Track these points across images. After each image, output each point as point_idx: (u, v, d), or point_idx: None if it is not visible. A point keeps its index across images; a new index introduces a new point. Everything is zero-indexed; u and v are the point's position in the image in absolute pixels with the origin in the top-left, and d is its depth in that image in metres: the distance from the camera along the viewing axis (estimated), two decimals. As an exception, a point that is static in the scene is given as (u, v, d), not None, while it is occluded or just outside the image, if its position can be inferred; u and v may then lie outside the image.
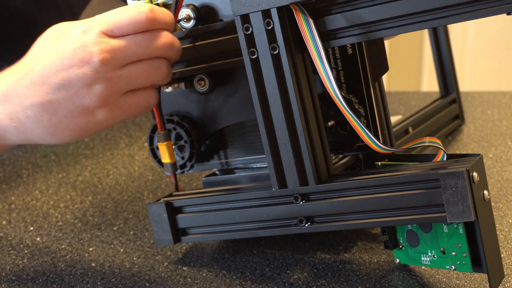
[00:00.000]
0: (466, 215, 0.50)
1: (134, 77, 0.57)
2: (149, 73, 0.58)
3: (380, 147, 0.55)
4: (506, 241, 0.64)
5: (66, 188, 0.86)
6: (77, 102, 0.57)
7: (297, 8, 0.54)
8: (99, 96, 0.57)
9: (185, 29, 0.64)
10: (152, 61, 0.58)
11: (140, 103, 0.60)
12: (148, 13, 0.57)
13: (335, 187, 0.57)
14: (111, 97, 0.57)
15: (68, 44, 0.57)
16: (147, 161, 0.93)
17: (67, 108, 0.57)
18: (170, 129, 0.68)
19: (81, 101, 0.57)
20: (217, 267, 0.64)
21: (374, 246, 0.65)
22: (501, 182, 0.76)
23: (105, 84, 0.56)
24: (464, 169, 0.50)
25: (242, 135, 0.68)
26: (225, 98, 0.67)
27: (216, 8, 0.63)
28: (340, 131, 0.63)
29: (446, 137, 0.91)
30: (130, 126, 1.09)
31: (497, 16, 0.50)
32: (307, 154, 0.57)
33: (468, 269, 0.54)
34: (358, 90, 0.62)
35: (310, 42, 0.54)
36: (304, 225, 0.58)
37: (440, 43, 0.90)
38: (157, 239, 0.66)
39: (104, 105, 0.57)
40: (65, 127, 0.58)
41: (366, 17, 0.53)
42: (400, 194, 0.54)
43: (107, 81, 0.56)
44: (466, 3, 0.50)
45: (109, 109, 0.58)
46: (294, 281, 0.61)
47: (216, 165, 0.70)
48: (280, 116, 0.57)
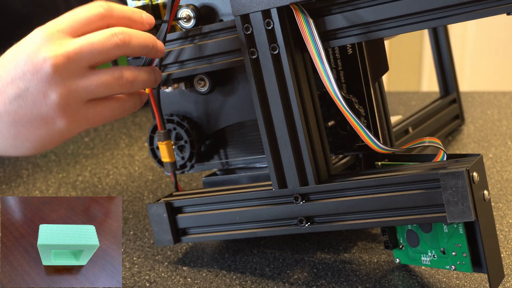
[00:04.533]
0: (466, 215, 0.50)
1: (94, 86, 0.54)
2: (110, 83, 0.54)
3: (380, 147, 0.55)
4: (506, 241, 0.64)
5: (66, 188, 0.86)
6: (34, 111, 0.53)
7: (297, 8, 0.54)
8: (57, 104, 0.53)
9: (185, 29, 0.64)
10: (113, 70, 0.54)
11: (104, 113, 0.56)
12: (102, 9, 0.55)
13: (335, 187, 0.57)
14: (70, 106, 0.53)
15: (23, 50, 0.53)
16: (147, 161, 0.93)
17: (25, 118, 0.54)
18: (170, 129, 0.68)
19: (38, 110, 0.53)
20: (217, 267, 0.64)
21: (374, 246, 0.65)
22: (501, 182, 0.76)
23: (61, 91, 0.53)
24: (464, 169, 0.50)
25: (242, 135, 0.68)
26: (225, 98, 0.67)
27: (216, 8, 0.63)
28: (340, 131, 0.63)
29: (446, 137, 0.91)
30: (130, 126, 1.09)
31: (497, 16, 0.50)
32: (307, 154, 0.57)
33: (468, 269, 0.54)
34: (358, 90, 0.62)
35: (310, 42, 0.54)
36: (304, 225, 0.58)
37: (440, 43, 0.90)
38: (157, 239, 0.66)
39: (64, 114, 0.53)
40: (25, 138, 0.55)
41: (366, 17, 0.53)
42: (400, 194, 0.54)
43: (64, 88, 0.53)
44: (466, 3, 0.50)
45: (70, 119, 0.54)
46: (294, 281, 0.61)
47: (216, 165, 0.70)
48: (280, 116, 0.57)
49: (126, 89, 0.56)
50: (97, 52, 0.53)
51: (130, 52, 0.55)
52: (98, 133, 1.06)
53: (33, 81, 0.52)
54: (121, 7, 0.57)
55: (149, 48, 0.56)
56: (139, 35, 0.55)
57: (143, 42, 0.56)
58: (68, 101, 0.53)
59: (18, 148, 0.56)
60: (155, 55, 0.57)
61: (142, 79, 0.56)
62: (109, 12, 0.55)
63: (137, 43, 0.55)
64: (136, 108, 0.59)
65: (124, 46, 0.54)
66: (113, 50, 0.54)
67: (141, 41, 0.55)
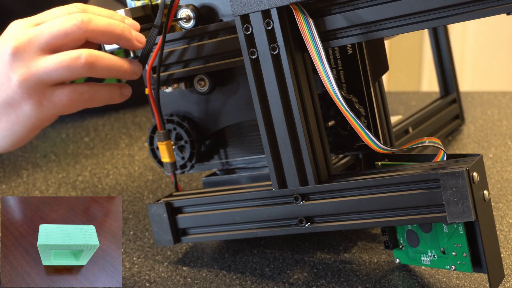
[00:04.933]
0: (466, 215, 0.50)
1: (52, 67, 0.55)
2: (68, 63, 0.55)
3: (380, 147, 0.55)
4: (506, 241, 0.64)
5: (66, 188, 0.86)
6: (2, 94, 0.56)
7: (297, 8, 0.54)
8: (19, 86, 0.55)
9: (185, 29, 0.64)
10: (72, 50, 0.55)
11: (71, 95, 0.56)
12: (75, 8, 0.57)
13: (335, 187, 0.57)
14: (32, 88, 0.55)
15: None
16: (147, 161, 0.93)
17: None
18: (170, 129, 0.68)
19: (5, 93, 0.56)
20: (217, 267, 0.64)
21: (374, 246, 0.65)
22: (501, 182, 0.76)
23: (21, 72, 0.55)
24: (464, 169, 0.50)
25: (242, 135, 0.68)
26: (225, 98, 0.67)
27: (216, 8, 0.63)
28: (340, 131, 0.63)
29: (446, 137, 0.91)
30: (130, 126, 1.09)
31: (497, 16, 0.50)
32: (307, 154, 0.57)
33: (468, 269, 0.54)
34: (358, 90, 0.62)
35: (310, 42, 0.54)
36: (304, 225, 0.58)
37: (440, 43, 0.90)
38: (157, 239, 0.66)
39: (28, 96, 0.56)
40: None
41: (366, 17, 0.53)
42: (400, 194, 0.54)
43: (24, 70, 0.55)
44: (466, 3, 0.50)
45: (34, 101, 0.56)
46: (294, 281, 0.61)
47: (216, 165, 0.70)
48: (280, 116, 0.57)
49: (88, 71, 0.56)
50: (56, 32, 0.55)
51: (91, 36, 0.56)
52: (98, 133, 1.06)
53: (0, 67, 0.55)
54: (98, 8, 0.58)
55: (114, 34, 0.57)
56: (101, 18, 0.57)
57: (106, 23, 0.56)
58: (30, 83, 0.55)
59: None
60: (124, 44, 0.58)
61: (106, 63, 0.56)
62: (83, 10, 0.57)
63: (97, 24, 0.56)
64: (113, 99, 0.59)
65: (82, 27, 0.55)
66: (72, 30, 0.55)
67: (103, 22, 0.56)
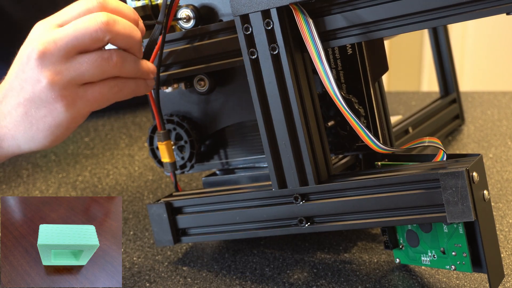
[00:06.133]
0: (466, 215, 0.50)
1: (84, 67, 0.56)
2: (100, 63, 0.57)
3: (380, 147, 0.55)
4: (506, 241, 0.64)
5: (66, 188, 0.86)
6: (36, 98, 0.57)
7: (296, 8, 0.54)
8: (50, 89, 0.56)
9: (185, 29, 0.64)
10: (102, 52, 0.57)
11: (102, 91, 0.58)
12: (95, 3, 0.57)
13: (335, 187, 0.57)
14: (65, 89, 0.56)
15: (24, 43, 0.58)
16: (147, 161, 0.93)
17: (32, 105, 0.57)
18: (170, 129, 0.68)
19: (38, 97, 0.57)
20: (217, 267, 0.64)
21: (374, 246, 0.65)
22: (501, 182, 0.76)
23: (51, 75, 0.56)
24: (464, 169, 0.50)
25: (242, 135, 0.68)
26: (225, 98, 0.67)
27: (216, 8, 0.63)
28: (340, 131, 0.63)
29: (446, 137, 0.91)
30: (130, 126, 1.09)
31: (497, 16, 0.50)
32: (307, 154, 0.57)
33: (468, 269, 0.54)
34: (358, 90, 0.62)
35: (309, 42, 0.54)
36: (304, 225, 0.58)
37: (440, 43, 0.90)
38: (157, 239, 0.66)
39: (61, 97, 0.56)
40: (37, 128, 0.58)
41: (366, 17, 0.53)
42: (400, 194, 0.54)
43: (53, 72, 0.56)
44: (466, 3, 0.50)
45: (67, 102, 0.57)
46: (294, 281, 0.61)
47: (216, 165, 0.70)
48: (280, 116, 0.57)
49: (118, 71, 0.58)
50: (81, 34, 0.56)
51: (115, 37, 0.57)
52: (98, 133, 1.06)
53: (28, 71, 0.56)
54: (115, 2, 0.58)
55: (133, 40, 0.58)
56: (124, 21, 0.57)
57: (128, 28, 0.57)
58: (61, 84, 0.56)
59: (36, 139, 0.59)
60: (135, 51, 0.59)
61: (133, 63, 0.58)
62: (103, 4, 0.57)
63: (121, 27, 0.57)
64: (141, 91, 0.61)
65: (108, 29, 0.56)
66: (97, 32, 0.56)
67: (125, 26, 0.57)
